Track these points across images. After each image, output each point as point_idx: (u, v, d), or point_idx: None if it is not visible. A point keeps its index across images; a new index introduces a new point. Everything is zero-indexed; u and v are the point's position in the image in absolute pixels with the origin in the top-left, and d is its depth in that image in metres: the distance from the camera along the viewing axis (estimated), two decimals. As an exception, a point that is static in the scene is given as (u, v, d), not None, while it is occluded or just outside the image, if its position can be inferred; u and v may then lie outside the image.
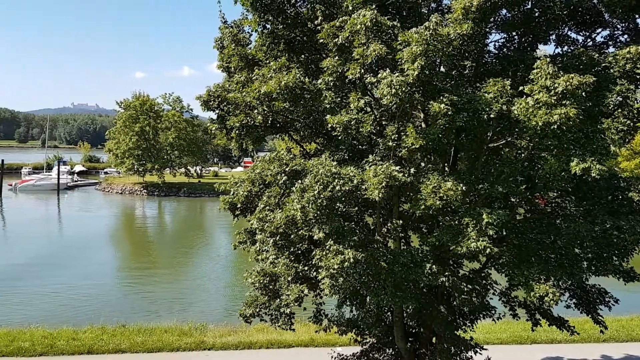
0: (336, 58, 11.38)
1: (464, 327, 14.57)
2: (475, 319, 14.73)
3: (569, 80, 9.13)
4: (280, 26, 12.87)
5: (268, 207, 12.08)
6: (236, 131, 12.94)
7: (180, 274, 40.37)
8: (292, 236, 11.79)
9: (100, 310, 29.03)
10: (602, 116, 10.58)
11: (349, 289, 11.14)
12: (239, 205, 13.36)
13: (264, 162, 12.35)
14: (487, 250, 9.61)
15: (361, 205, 12.43)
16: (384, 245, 12.11)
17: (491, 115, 9.85)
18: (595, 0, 11.86)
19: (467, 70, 12.08)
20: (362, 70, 10.65)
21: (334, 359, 16.61)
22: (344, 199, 10.52)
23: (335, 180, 10.19)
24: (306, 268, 12.69)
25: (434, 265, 11.05)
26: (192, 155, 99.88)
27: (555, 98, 9.25)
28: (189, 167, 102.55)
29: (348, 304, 13.60)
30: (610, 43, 12.35)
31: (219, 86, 13.92)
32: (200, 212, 79.95)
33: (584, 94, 9.33)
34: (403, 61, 9.87)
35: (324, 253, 10.50)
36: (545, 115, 9.26)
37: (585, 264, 11.43)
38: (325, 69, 11.55)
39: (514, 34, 12.39)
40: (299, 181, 10.95)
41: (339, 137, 11.42)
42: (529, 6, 11.81)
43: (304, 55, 13.44)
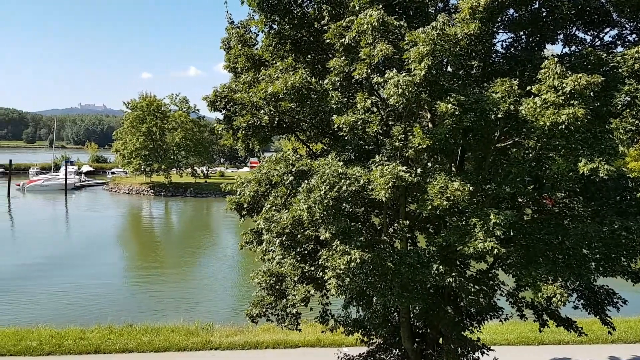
0: (343, 58, 11.36)
1: (471, 328, 14.53)
2: (482, 320, 14.69)
3: (576, 80, 9.07)
4: (287, 26, 12.87)
5: (274, 207, 12.08)
6: (243, 131, 12.96)
7: (187, 273, 40.49)
8: (299, 236, 11.79)
9: (108, 310, 29.18)
10: (611, 116, 10.51)
11: (356, 290, 11.13)
12: (246, 205, 13.37)
13: (271, 163, 12.34)
14: (495, 250, 9.57)
15: (368, 205, 12.41)
16: (391, 246, 12.09)
17: (499, 115, 9.80)
18: (603, 0, 11.79)
19: (475, 70, 12.03)
20: (369, 70, 10.62)
21: (341, 359, 16.61)
22: (350, 199, 10.51)
23: (342, 180, 10.18)
24: (312, 268, 12.69)
25: (440, 266, 11.01)
26: (199, 156, 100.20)
27: (563, 98, 9.19)
28: (195, 168, 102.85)
29: (354, 304, 13.58)
30: (619, 42, 12.26)
31: (225, 86, 13.94)
32: (206, 212, 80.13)
33: (592, 93, 9.26)
34: (410, 61, 9.84)
35: (330, 253, 10.49)
36: (553, 115, 9.21)
37: (593, 264, 11.35)
38: (331, 69, 11.54)
39: (522, 33, 12.33)
40: (306, 181, 10.94)
41: (345, 138, 11.40)
42: (537, 6, 11.75)
43: (310, 56, 13.43)
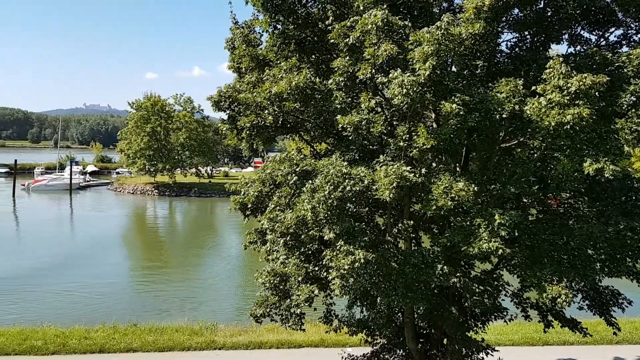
0: (347, 58, 11.34)
1: (475, 329, 14.49)
2: (486, 320, 14.65)
3: (582, 80, 9.04)
4: (291, 26, 12.86)
5: (278, 208, 12.08)
6: (247, 131, 12.96)
7: (191, 273, 40.54)
8: (303, 236, 11.78)
9: (112, 310, 29.28)
10: (616, 116, 10.44)
11: (360, 290, 11.11)
12: (250, 205, 13.37)
13: (275, 163, 12.34)
14: (499, 251, 9.54)
15: (372, 205, 12.40)
16: (395, 246, 12.08)
17: (503, 115, 9.77)
18: (608, 0, 11.75)
19: (479, 70, 12.00)
20: (373, 70, 10.60)
21: (345, 359, 16.60)
22: (354, 200, 10.49)
23: (346, 180, 10.16)
24: (316, 268, 12.68)
25: (445, 266, 11.00)
26: (203, 156, 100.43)
27: (568, 98, 9.16)
28: (199, 168, 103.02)
29: (358, 304, 13.58)
30: (624, 42, 12.20)
31: (229, 87, 13.96)
32: (210, 212, 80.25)
33: (597, 93, 9.24)
34: (414, 61, 9.82)
35: (334, 253, 10.48)
36: (558, 115, 9.18)
37: (598, 265, 11.32)
38: (336, 69, 11.52)
39: (526, 33, 12.30)
40: (310, 181, 10.92)
41: (349, 138, 11.39)
42: (542, 5, 11.72)
43: (314, 56, 13.43)
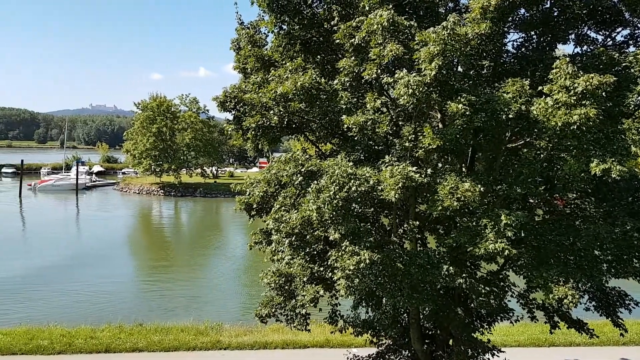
0: (352, 58, 11.33)
1: (481, 330, 14.44)
2: (492, 321, 14.59)
3: (588, 80, 9.00)
4: (297, 27, 12.86)
5: (284, 208, 12.08)
6: (252, 132, 12.97)
7: (196, 273, 40.63)
8: (308, 237, 11.78)
9: (118, 309, 29.37)
10: (623, 116, 10.40)
11: (365, 290, 11.10)
12: (255, 205, 13.38)
13: (280, 163, 12.34)
14: (506, 251, 9.50)
15: (377, 206, 12.38)
16: (400, 247, 12.05)
17: (510, 116, 9.74)
18: (615, -1, 11.70)
19: (485, 70, 11.96)
20: (379, 71, 10.59)
21: (350, 360, 16.59)
22: (359, 200, 10.48)
23: (351, 181, 10.15)
24: (322, 269, 12.67)
25: (451, 267, 10.95)
26: (208, 156, 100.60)
27: (574, 98, 9.12)
28: (205, 168, 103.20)
29: (364, 305, 13.56)
30: (631, 42, 12.13)
31: (235, 87, 13.97)
32: (216, 212, 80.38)
33: (604, 94, 9.19)
34: (420, 61, 9.80)
35: (339, 254, 10.47)
36: (565, 115, 9.14)
37: (605, 266, 11.25)
38: (341, 69, 11.51)
39: (533, 33, 12.24)
40: (315, 182, 10.92)
41: (355, 138, 11.38)
42: (548, 5, 11.67)
43: (320, 56, 13.42)
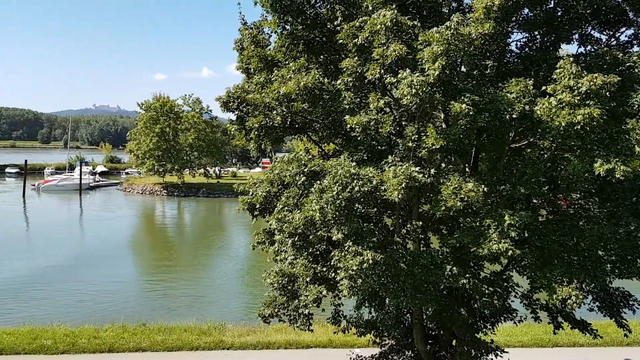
0: (355, 58, 11.31)
1: (485, 330, 14.42)
2: (496, 322, 14.57)
3: (592, 80, 8.97)
4: (300, 27, 12.85)
5: (287, 208, 12.07)
6: (255, 132, 12.97)
7: (199, 273, 40.68)
8: (311, 237, 11.76)
9: (121, 309, 29.45)
10: (627, 116, 10.35)
11: (368, 291, 11.08)
12: (258, 205, 13.37)
13: (283, 163, 12.33)
14: (509, 252, 9.48)
15: (380, 206, 12.37)
16: (404, 247, 12.04)
17: (513, 116, 9.71)
18: (619, -1, 11.66)
19: (489, 70, 11.94)
20: (382, 71, 10.57)
21: (353, 360, 16.58)
22: (362, 200, 10.47)
23: (354, 181, 10.13)
24: (325, 269, 12.66)
25: (454, 267, 10.93)
26: (211, 156, 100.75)
27: (578, 98, 9.10)
28: (208, 168, 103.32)
29: (367, 305, 13.55)
30: (635, 42, 12.10)
31: (238, 87, 13.98)
32: (219, 213, 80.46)
33: (608, 94, 9.15)
34: (424, 61, 9.79)
35: (342, 254, 10.45)
36: (569, 115, 9.12)
37: (609, 266, 11.21)
38: (344, 69, 11.49)
39: (536, 33, 12.21)
40: (318, 182, 10.90)
41: (358, 138, 11.37)
42: (552, 5, 11.64)
43: (323, 56, 13.41)
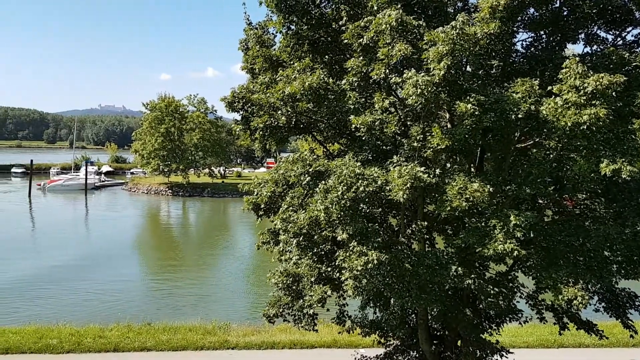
0: (360, 58, 11.31)
1: (490, 330, 14.37)
2: (501, 322, 14.51)
3: (598, 80, 8.94)
4: (305, 27, 12.85)
5: (291, 208, 12.07)
6: (260, 132, 12.97)
7: (204, 273, 40.77)
8: (316, 237, 11.76)
9: (127, 308, 29.52)
10: (633, 116, 10.30)
11: (373, 291, 11.07)
12: (263, 205, 13.37)
13: (288, 163, 12.33)
14: (515, 252, 9.45)
15: (385, 206, 12.34)
16: (408, 247, 12.01)
17: (519, 116, 9.68)
18: (625, -2, 11.61)
19: (494, 70, 11.91)
20: (387, 71, 10.55)
21: (357, 360, 16.56)
22: (367, 200, 10.46)
23: (359, 181, 10.12)
24: (329, 269, 12.66)
25: (459, 268, 10.91)
26: (216, 156, 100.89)
27: (584, 98, 9.07)
28: (212, 168, 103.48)
29: (371, 305, 13.53)
30: (641, 42, 12.07)
31: (243, 87, 13.98)
32: (223, 212, 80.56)
33: (614, 93, 9.13)
34: (429, 61, 9.77)
35: (347, 254, 10.45)
36: (575, 115, 9.08)
37: (615, 267, 11.18)
38: (349, 69, 11.49)
39: (542, 33, 12.17)
40: (323, 182, 10.89)
41: (362, 138, 11.35)
42: (557, 5, 11.60)
43: (328, 56, 13.41)
